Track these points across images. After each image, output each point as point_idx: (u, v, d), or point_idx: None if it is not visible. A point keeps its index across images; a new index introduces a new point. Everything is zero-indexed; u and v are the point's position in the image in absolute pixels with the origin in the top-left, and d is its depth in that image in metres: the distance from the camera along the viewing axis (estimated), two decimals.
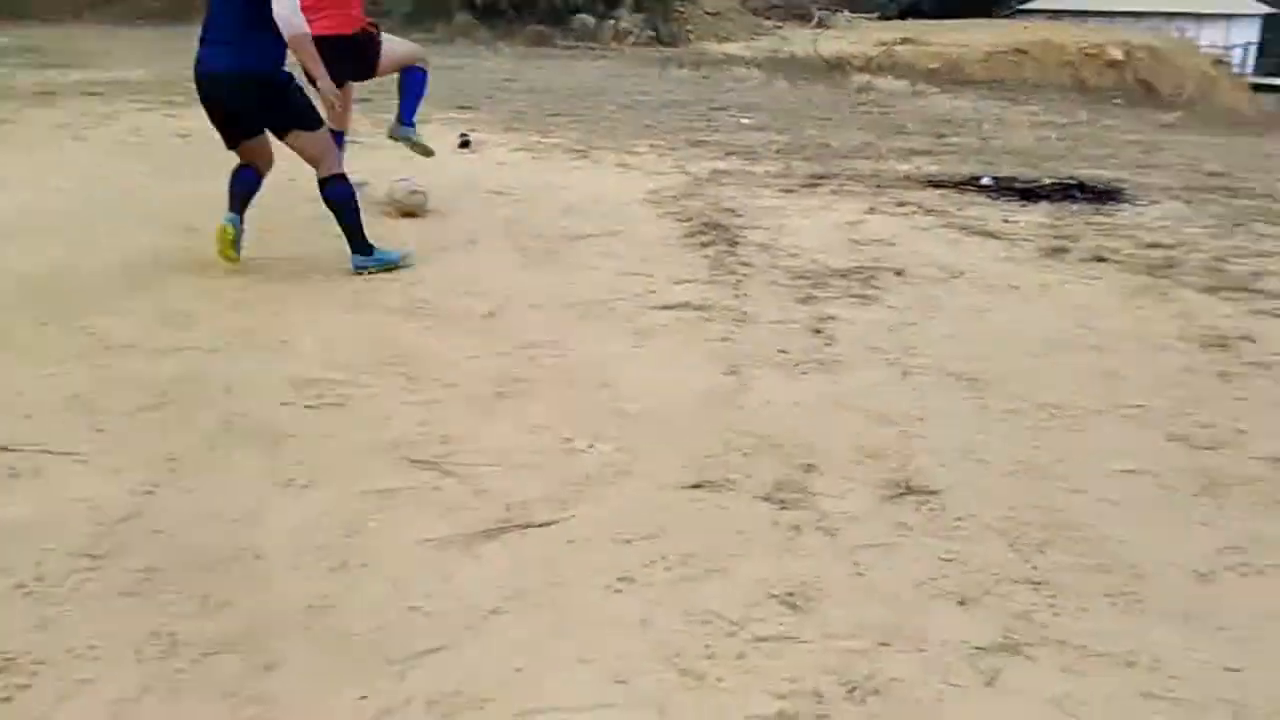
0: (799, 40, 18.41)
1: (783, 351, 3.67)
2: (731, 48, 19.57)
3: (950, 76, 14.72)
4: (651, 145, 7.95)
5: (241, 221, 4.27)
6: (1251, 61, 28.81)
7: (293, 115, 4.19)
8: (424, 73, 5.48)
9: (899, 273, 4.64)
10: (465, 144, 7.74)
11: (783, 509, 2.57)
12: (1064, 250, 5.04)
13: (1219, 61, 21.69)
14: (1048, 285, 4.52)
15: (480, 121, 9.12)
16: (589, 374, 3.40)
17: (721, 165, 7.12)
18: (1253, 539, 2.48)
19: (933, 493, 2.67)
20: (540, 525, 2.45)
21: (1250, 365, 3.63)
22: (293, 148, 4.28)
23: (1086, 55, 17.90)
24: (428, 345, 3.61)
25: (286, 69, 4.15)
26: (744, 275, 4.58)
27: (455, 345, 3.62)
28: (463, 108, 9.83)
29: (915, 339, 3.82)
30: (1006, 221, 5.66)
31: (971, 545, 2.43)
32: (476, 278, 4.43)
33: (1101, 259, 4.90)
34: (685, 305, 4.15)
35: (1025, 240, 5.26)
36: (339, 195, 4.34)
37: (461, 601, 2.14)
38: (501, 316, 3.97)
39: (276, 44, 3.99)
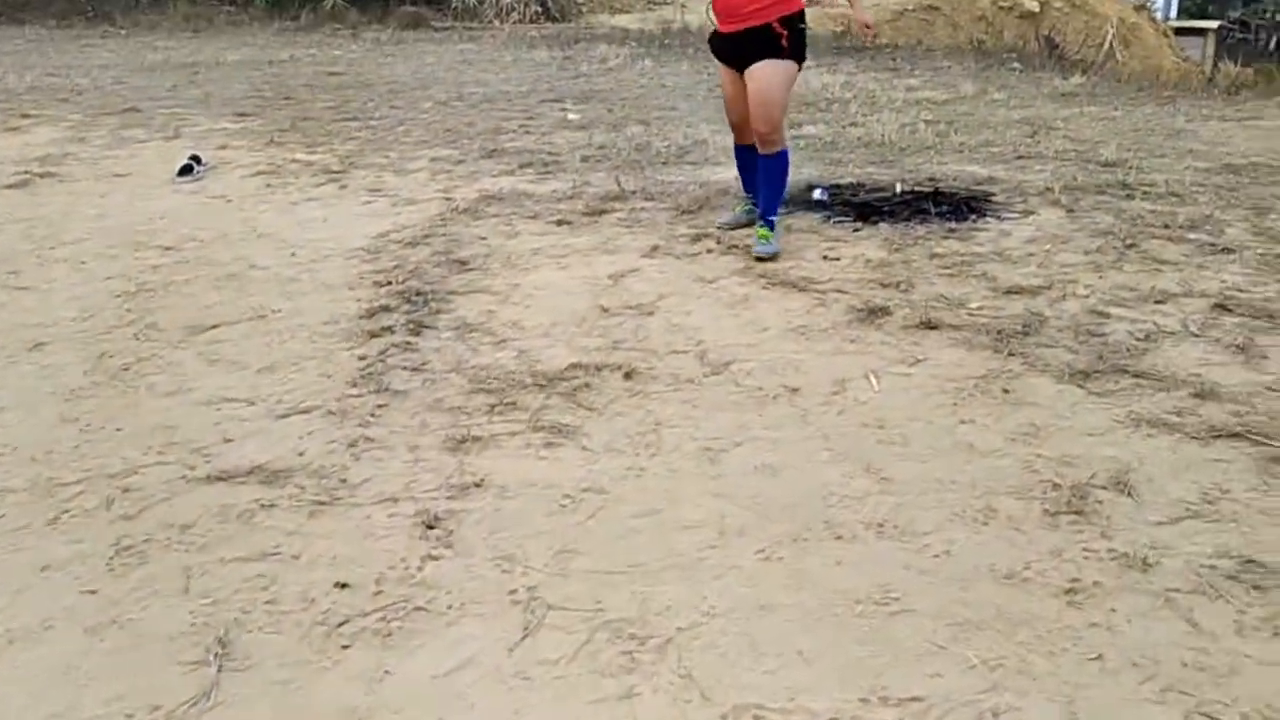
0: (699, 8, 16.83)
1: (341, 586, 2.16)
2: (625, 19, 17.96)
3: (852, 42, 13.22)
4: (434, 159, 6.39)
5: None
6: (1175, 2, 27.59)
7: None
8: None
9: (628, 375, 3.14)
10: (187, 170, 6.12)
11: None
12: (885, 311, 3.57)
13: (1140, 6, 20.39)
14: (842, 384, 3.05)
15: (249, 132, 7.50)
16: None
17: (500, 185, 5.58)
18: None
19: None
20: None
21: (1110, 562, 2.18)
22: None
23: (1001, 8, 16.68)
24: None
25: None
26: (398, 390, 3.07)
27: None
28: (240, 115, 8.21)
29: (585, 533, 2.33)
30: (826, 258, 4.18)
31: None
32: None
33: (932, 325, 3.44)
34: (254, 472, 2.62)
35: (840, 293, 3.78)
36: None
37: None
38: None
39: None
